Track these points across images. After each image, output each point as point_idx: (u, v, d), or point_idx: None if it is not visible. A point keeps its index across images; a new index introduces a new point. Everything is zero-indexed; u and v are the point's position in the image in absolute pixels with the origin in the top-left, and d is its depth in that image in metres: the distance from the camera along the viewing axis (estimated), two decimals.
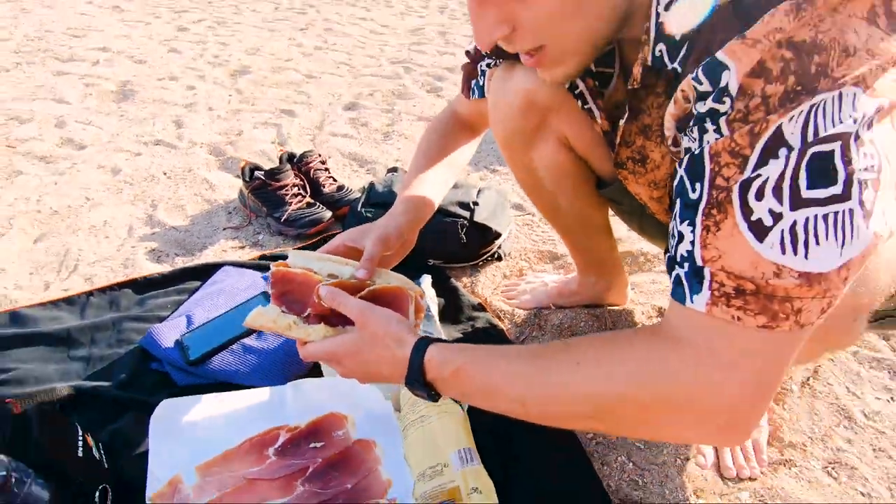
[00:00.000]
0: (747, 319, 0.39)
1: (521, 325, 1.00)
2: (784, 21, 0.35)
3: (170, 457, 0.68)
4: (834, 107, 0.36)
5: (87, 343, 0.90)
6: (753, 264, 0.39)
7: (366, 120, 1.91)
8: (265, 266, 1.08)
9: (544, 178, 0.79)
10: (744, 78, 0.37)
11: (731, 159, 0.39)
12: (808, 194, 0.37)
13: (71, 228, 1.23)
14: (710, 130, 0.40)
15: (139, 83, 2.13)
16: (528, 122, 0.73)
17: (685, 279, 0.42)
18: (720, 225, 0.40)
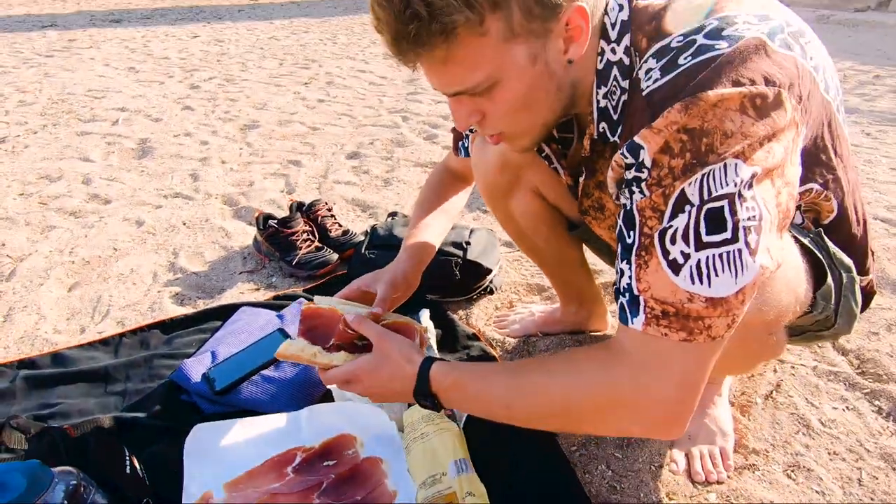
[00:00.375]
0: (672, 335, 0.51)
1: (512, 353, 1.11)
2: (678, 116, 0.48)
3: (201, 475, 0.78)
4: (721, 174, 0.48)
5: (123, 379, 1.01)
6: (673, 292, 0.50)
7: (367, 168, 2.06)
8: (279, 305, 1.20)
9: (522, 224, 0.92)
10: (654, 154, 0.50)
11: (652, 213, 0.51)
12: (706, 239, 0.49)
13: (101, 277, 1.35)
14: (636, 192, 0.52)
15: (157, 140, 2.31)
16: (504, 178, 0.87)
17: (627, 306, 0.54)
18: (648, 263, 0.51)
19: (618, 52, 0.56)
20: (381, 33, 0.53)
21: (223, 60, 3.97)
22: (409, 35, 0.50)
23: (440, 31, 0.49)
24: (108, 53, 4.14)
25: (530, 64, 0.54)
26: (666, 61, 0.50)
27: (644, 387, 0.53)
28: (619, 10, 0.56)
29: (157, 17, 6.22)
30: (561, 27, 0.53)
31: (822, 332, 0.71)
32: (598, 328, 1.14)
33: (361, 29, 5.37)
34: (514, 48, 0.52)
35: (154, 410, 0.92)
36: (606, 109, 0.59)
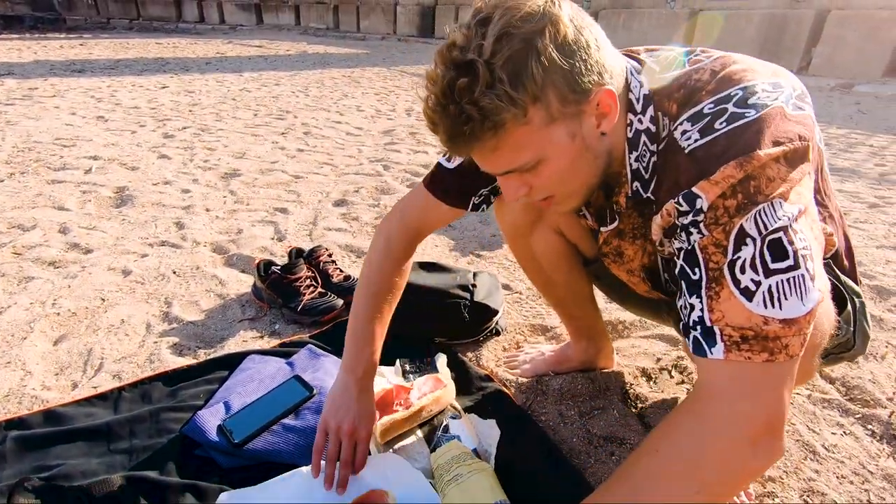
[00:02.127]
0: (755, 357, 0.54)
1: (526, 392, 1.12)
2: (734, 171, 0.55)
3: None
4: (770, 210, 0.55)
5: (127, 435, 0.95)
6: (748, 318, 0.54)
7: (356, 214, 2.09)
8: (287, 353, 1.17)
9: (542, 260, 0.97)
10: (712, 200, 0.56)
11: (715, 249, 0.56)
12: (773, 266, 0.54)
13: (90, 329, 1.28)
14: (694, 233, 0.58)
15: (135, 188, 2.26)
16: (528, 217, 0.92)
17: (701, 338, 0.56)
18: (720, 294, 0.56)
19: (644, 122, 0.64)
20: (437, 133, 0.59)
21: (195, 111, 3.97)
22: (465, 134, 0.57)
23: (490, 128, 0.56)
24: (74, 102, 4.06)
25: (570, 141, 0.61)
26: (703, 125, 0.58)
27: (747, 414, 0.54)
28: (640, 86, 0.65)
29: (122, 68, 6.19)
30: (592, 107, 0.60)
31: (842, 353, 0.77)
32: (605, 365, 1.17)
33: (332, 83, 5.53)
34: (555, 130, 0.59)
35: (167, 468, 0.87)
36: (638, 170, 0.66)
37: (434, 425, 1.01)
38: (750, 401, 0.54)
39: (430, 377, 1.08)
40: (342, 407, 0.85)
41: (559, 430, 1.02)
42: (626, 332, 1.34)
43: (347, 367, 0.88)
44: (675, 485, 0.55)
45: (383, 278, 0.90)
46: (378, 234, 0.93)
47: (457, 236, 1.93)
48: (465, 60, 0.54)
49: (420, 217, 0.91)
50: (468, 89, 0.54)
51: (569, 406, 1.08)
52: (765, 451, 0.54)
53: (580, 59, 0.57)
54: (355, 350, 0.88)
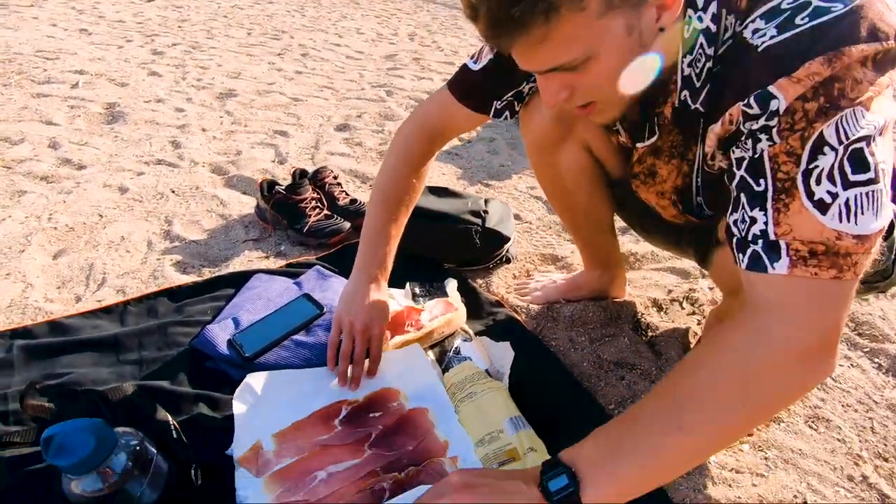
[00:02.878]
0: (822, 273, 0.50)
1: (537, 318, 1.11)
2: (820, 67, 0.48)
3: (251, 425, 0.76)
4: (852, 118, 0.49)
5: (136, 347, 0.93)
6: (819, 232, 0.50)
7: (359, 140, 2.00)
8: (294, 273, 1.15)
9: (566, 177, 0.93)
10: (791, 102, 0.50)
11: (787, 158, 0.51)
12: (853, 178, 0.50)
13: (90, 244, 1.24)
14: (763, 140, 0.52)
15: (126, 105, 2.14)
16: (557, 130, 0.86)
17: (763, 253, 0.52)
18: (789, 206, 0.51)
19: (704, 20, 0.56)
20: (476, 19, 0.52)
21: (185, 27, 3.72)
22: (512, 17, 0.49)
23: (543, 12, 0.49)
24: (53, 13, 3.78)
25: (626, 35, 0.54)
26: (781, 20, 0.51)
27: (805, 330, 0.51)
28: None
29: None
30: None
31: (878, 282, 0.75)
32: (617, 295, 1.16)
33: (329, 3, 5.18)
34: (612, 21, 0.52)
35: (178, 379, 0.86)
36: (690, 77, 0.60)
37: (445, 348, 1.01)
38: (807, 318, 0.51)
39: (441, 300, 1.06)
40: (355, 304, 0.83)
41: (569, 355, 1.01)
42: (638, 264, 1.32)
43: (361, 265, 0.86)
44: (720, 399, 0.52)
45: (400, 181, 0.86)
46: (396, 137, 0.89)
47: (464, 165, 1.86)
48: None
49: (440, 120, 0.86)
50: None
51: (579, 333, 1.07)
52: (817, 368, 0.52)
53: None
54: (370, 250, 0.86)
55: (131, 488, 0.53)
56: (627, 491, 0.52)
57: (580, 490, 0.51)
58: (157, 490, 0.56)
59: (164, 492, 0.56)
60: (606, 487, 0.51)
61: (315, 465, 0.74)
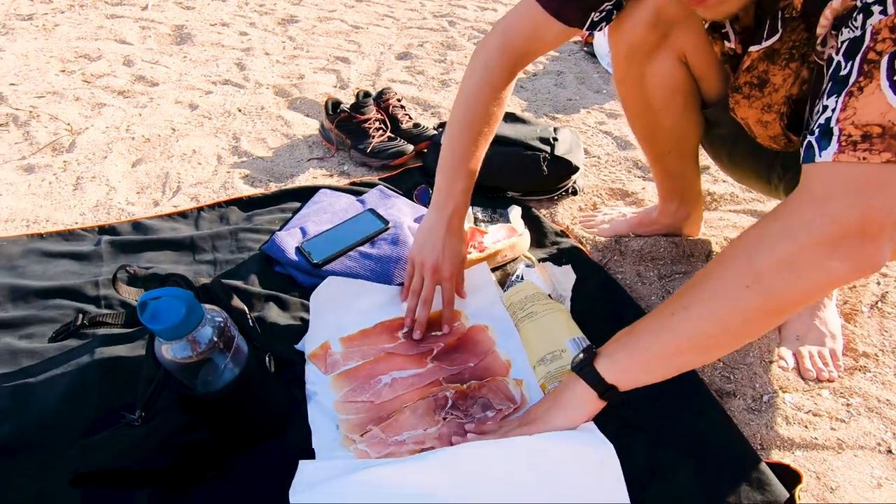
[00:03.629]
0: (872, 157, 0.45)
1: (603, 251, 1.07)
2: None
3: (324, 325, 0.79)
4: None
5: (210, 249, 0.97)
6: (883, 114, 0.44)
7: (421, 68, 1.94)
8: (358, 191, 1.15)
9: (655, 94, 0.83)
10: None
11: (889, 34, 0.44)
12: None
13: (165, 155, 1.29)
14: (876, 13, 0.45)
15: (193, 27, 2.16)
16: (653, 36, 0.77)
17: (815, 142, 0.48)
18: (863, 89, 0.45)
19: None
20: None
21: None
22: None
23: None
24: None
25: None
26: None
27: (836, 215, 0.46)
28: None
29: None
30: None
31: None
32: (691, 233, 1.09)
33: None
34: None
35: (250, 279, 0.90)
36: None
37: (507, 272, 0.99)
38: (847, 200, 0.45)
39: (504, 226, 1.04)
40: (427, 243, 0.81)
41: (636, 289, 0.98)
42: (715, 205, 1.24)
43: (437, 203, 0.82)
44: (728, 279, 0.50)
45: (479, 107, 0.80)
46: (475, 58, 0.81)
47: (530, 98, 1.77)
48: None
49: (526, 37, 0.77)
50: None
51: (648, 267, 1.02)
52: (849, 256, 0.46)
53: None
54: (446, 186, 0.81)
55: (217, 360, 0.56)
56: (637, 365, 0.57)
57: (595, 360, 0.58)
58: (239, 366, 0.58)
59: (244, 369, 0.59)
60: (617, 359, 0.57)
61: (380, 369, 0.76)
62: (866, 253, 0.46)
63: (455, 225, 0.82)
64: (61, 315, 0.81)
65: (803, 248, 0.47)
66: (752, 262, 0.50)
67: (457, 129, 0.81)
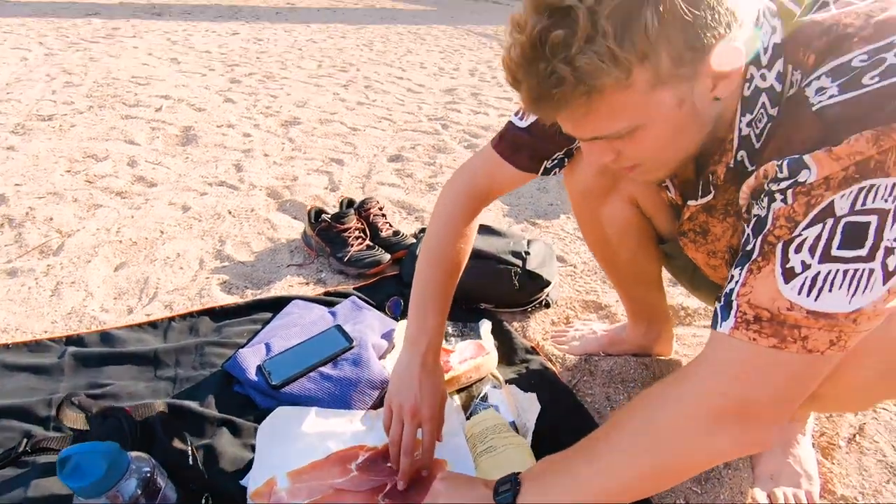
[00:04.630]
0: (761, 340, 0.48)
1: (573, 370, 1.06)
2: (866, 146, 0.44)
3: (269, 459, 0.76)
4: (883, 190, 0.44)
5: (173, 364, 0.97)
6: (773, 300, 0.48)
7: (410, 171, 2.04)
8: (331, 302, 1.16)
9: (610, 231, 0.88)
10: (820, 178, 0.46)
11: (785, 223, 0.48)
12: (836, 253, 0.45)
13: (148, 258, 1.32)
14: (778, 199, 0.49)
15: (200, 129, 2.31)
16: (602, 182, 0.82)
17: (720, 310, 0.52)
18: (761, 269, 0.49)
19: (768, 79, 0.52)
20: (518, 90, 0.50)
21: (262, 58, 4.00)
22: (552, 98, 0.48)
23: (584, 93, 0.47)
24: (151, 44, 4.20)
25: (676, 108, 0.51)
26: (847, 80, 0.46)
27: (720, 391, 0.50)
28: (772, 32, 0.52)
29: (197, 13, 6.33)
30: (710, 68, 0.48)
31: None
32: (662, 352, 1.09)
33: (397, 38, 5.43)
34: (660, 94, 0.49)
35: (206, 400, 0.88)
36: (748, 137, 0.55)
37: (472, 393, 0.97)
38: (732, 379, 0.50)
39: (473, 342, 1.03)
40: (404, 384, 0.79)
41: (605, 415, 0.95)
42: (689, 319, 1.24)
43: (411, 340, 0.81)
44: (626, 442, 0.54)
45: (446, 246, 0.83)
46: (441, 198, 0.85)
47: (512, 202, 1.84)
48: (562, 5, 0.44)
49: (486, 181, 0.82)
50: (563, 44, 0.45)
51: (618, 390, 1.00)
52: (729, 433, 0.50)
53: (707, 7, 0.45)
54: (418, 323, 0.81)
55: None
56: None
57: (516, 495, 0.58)
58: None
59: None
60: (534, 497, 0.57)
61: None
62: (748, 432, 0.51)
63: (430, 362, 0.81)
64: (6, 439, 0.79)
65: (690, 418, 0.52)
66: (647, 423, 0.54)
67: (425, 266, 0.84)
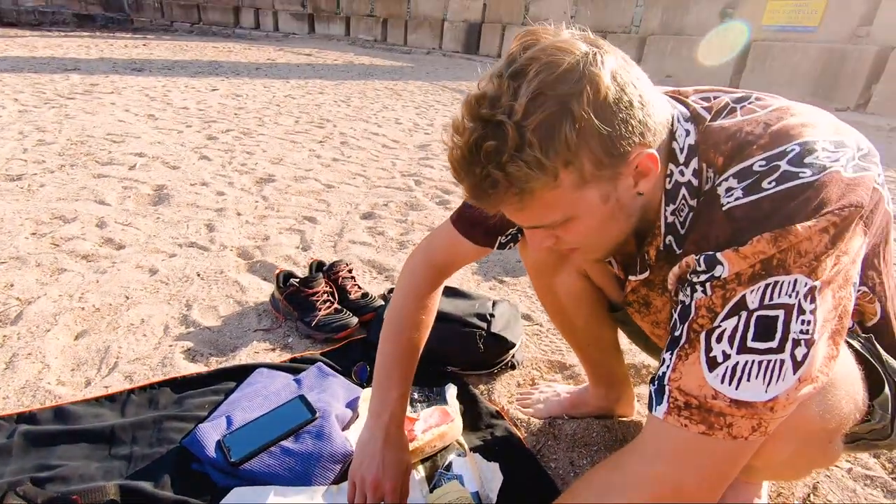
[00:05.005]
0: (691, 427, 0.52)
1: (537, 434, 1.07)
2: (766, 246, 0.50)
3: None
4: (787, 286, 0.50)
5: (129, 441, 0.94)
6: (699, 387, 0.52)
7: (382, 229, 2.08)
8: (296, 369, 1.16)
9: (564, 301, 0.92)
10: (732, 273, 0.52)
11: (706, 312, 0.53)
12: (751, 344, 0.50)
13: (111, 326, 1.30)
14: (699, 290, 0.54)
15: (173, 187, 2.32)
16: (552, 257, 0.87)
17: (654, 394, 0.56)
18: (689, 356, 0.53)
19: (686, 175, 0.59)
20: (461, 184, 0.56)
21: (240, 114, 4.09)
22: (489, 196, 0.54)
23: (517, 193, 0.53)
24: (129, 99, 4.26)
25: (602, 203, 0.57)
26: (750, 183, 0.53)
27: (658, 478, 0.54)
28: (686, 135, 0.59)
29: (178, 69, 6.48)
30: (630, 169, 0.55)
31: (877, 440, 0.69)
32: (625, 413, 1.11)
33: (374, 94, 5.62)
34: (587, 192, 0.55)
35: (162, 480, 0.86)
36: (674, 224, 0.61)
37: (437, 463, 0.97)
38: (667, 465, 0.53)
39: (438, 409, 1.04)
40: (367, 456, 0.80)
41: (568, 481, 0.96)
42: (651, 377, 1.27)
43: (374, 413, 0.83)
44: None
45: (407, 317, 0.86)
46: (403, 271, 0.90)
47: (481, 260, 1.89)
48: (494, 119, 0.51)
49: (445, 254, 0.87)
50: (496, 152, 0.51)
51: (581, 454, 1.01)
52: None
53: (620, 122, 0.52)
54: (381, 395, 0.84)
55: None
56: None
57: None
58: None
59: None
60: None
61: None
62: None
63: (394, 433, 0.82)
64: None
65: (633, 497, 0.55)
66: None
67: (388, 337, 0.87)
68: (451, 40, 11.51)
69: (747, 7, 6.85)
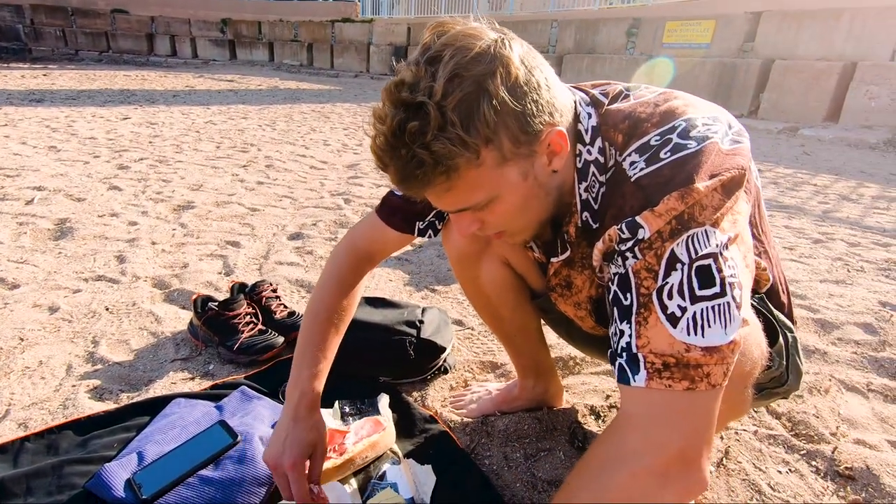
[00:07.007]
0: (675, 385, 0.53)
1: (471, 434, 1.07)
2: (676, 203, 0.55)
3: None
4: (703, 237, 0.54)
5: (22, 493, 0.85)
6: (670, 345, 0.53)
7: (311, 248, 2.04)
8: (218, 395, 1.10)
9: (489, 290, 0.95)
10: (653, 232, 0.56)
11: (647, 274, 0.56)
12: (699, 293, 0.54)
13: (2, 372, 1.18)
14: (630, 257, 0.57)
15: (78, 220, 2.16)
16: (475, 247, 0.91)
17: (626, 365, 0.55)
18: (647, 319, 0.55)
19: (593, 153, 0.64)
20: (386, 172, 0.58)
21: (156, 142, 3.89)
22: (417, 178, 0.56)
23: (443, 172, 0.56)
24: (26, 132, 3.93)
25: (522, 180, 0.61)
26: (649, 155, 0.59)
27: (658, 443, 0.53)
28: (588, 118, 0.65)
29: (84, 99, 6.07)
30: (544, 147, 0.60)
31: (776, 388, 0.76)
32: (554, 404, 1.14)
33: (301, 117, 5.54)
34: (507, 170, 0.59)
35: None
36: (588, 201, 0.66)
37: (370, 473, 0.95)
38: (665, 429, 0.53)
39: (370, 420, 1.02)
40: (274, 441, 0.79)
41: (503, 475, 0.97)
42: (577, 368, 1.32)
43: (287, 396, 0.83)
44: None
45: (330, 302, 0.87)
46: (329, 260, 0.91)
47: (413, 270, 1.89)
48: (415, 101, 0.53)
49: (369, 242, 0.89)
50: (420, 132, 0.53)
51: (514, 448, 1.03)
52: (679, 483, 0.53)
53: (531, 101, 0.57)
54: (293, 378, 0.83)
55: None
56: None
57: None
58: None
59: None
60: None
61: None
62: (692, 478, 0.53)
63: (302, 412, 0.81)
64: None
65: (638, 478, 0.53)
66: (602, 493, 0.54)
67: (307, 324, 0.87)
68: (379, 62, 11.63)
69: (649, 27, 7.47)
